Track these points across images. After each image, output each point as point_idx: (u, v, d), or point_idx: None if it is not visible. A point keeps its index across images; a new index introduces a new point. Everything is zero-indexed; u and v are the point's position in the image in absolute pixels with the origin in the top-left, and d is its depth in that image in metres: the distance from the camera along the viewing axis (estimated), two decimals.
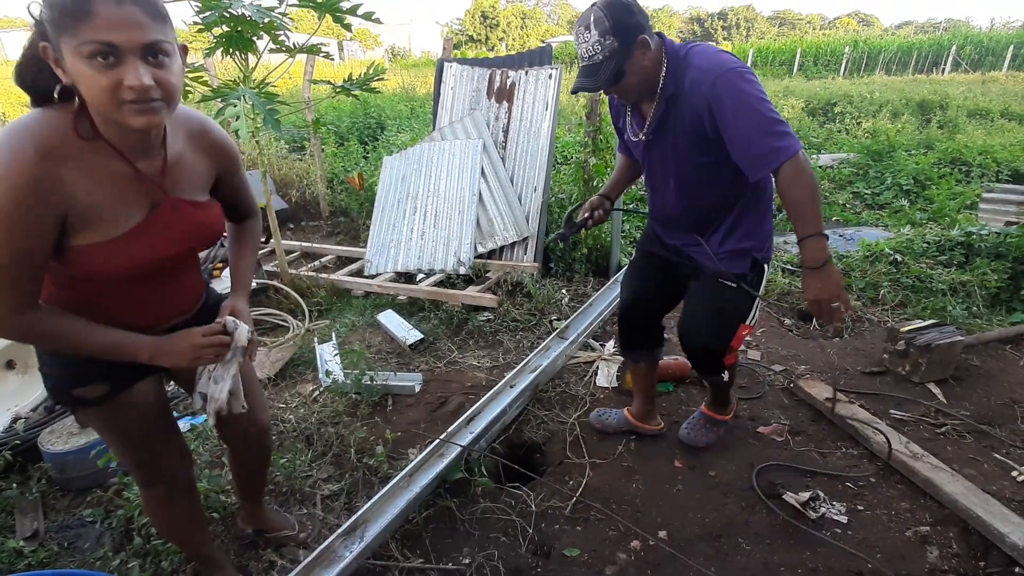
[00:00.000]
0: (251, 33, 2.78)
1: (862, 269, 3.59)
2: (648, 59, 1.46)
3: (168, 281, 1.17)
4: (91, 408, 1.18)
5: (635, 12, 1.42)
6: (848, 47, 20.53)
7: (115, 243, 0.99)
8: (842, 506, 1.85)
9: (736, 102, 1.39)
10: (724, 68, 1.40)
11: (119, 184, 0.98)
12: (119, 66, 0.84)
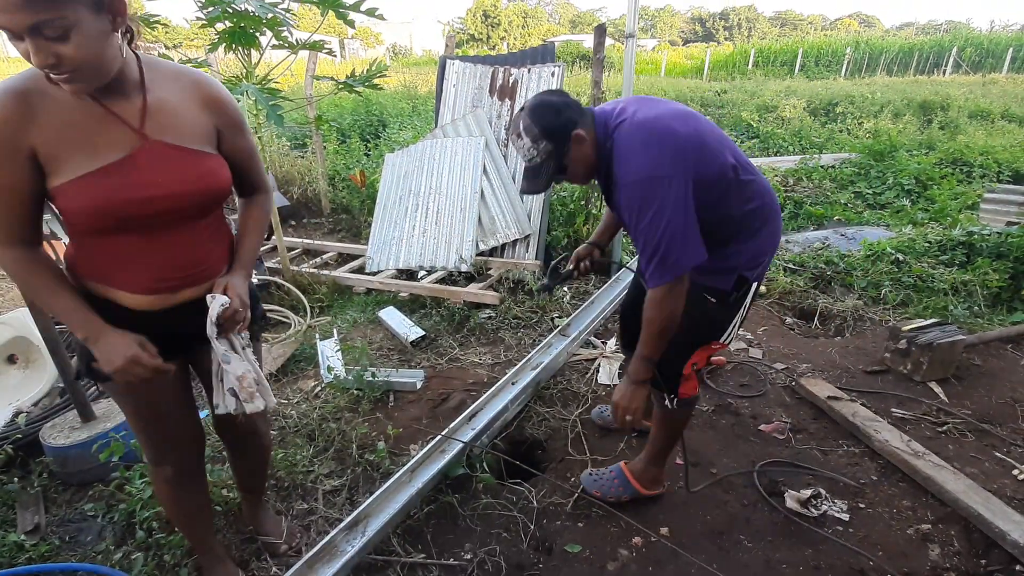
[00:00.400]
0: (254, 29, 2.78)
1: (864, 268, 3.59)
2: (586, 148, 1.45)
3: (165, 238, 1.12)
4: (108, 382, 1.19)
5: (562, 110, 1.41)
6: (850, 48, 20.52)
7: (87, 179, 0.99)
8: (844, 504, 1.85)
9: (634, 217, 1.38)
10: (629, 178, 1.38)
11: (91, 123, 1.00)
12: (23, 43, 0.87)
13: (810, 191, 5.62)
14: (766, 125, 9.09)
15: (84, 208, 1.01)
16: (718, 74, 21.33)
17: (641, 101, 1.48)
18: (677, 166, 1.34)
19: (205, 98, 1.14)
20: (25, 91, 0.96)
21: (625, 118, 1.42)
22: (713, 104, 11.64)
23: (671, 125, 1.38)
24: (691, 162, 1.35)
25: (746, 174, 1.46)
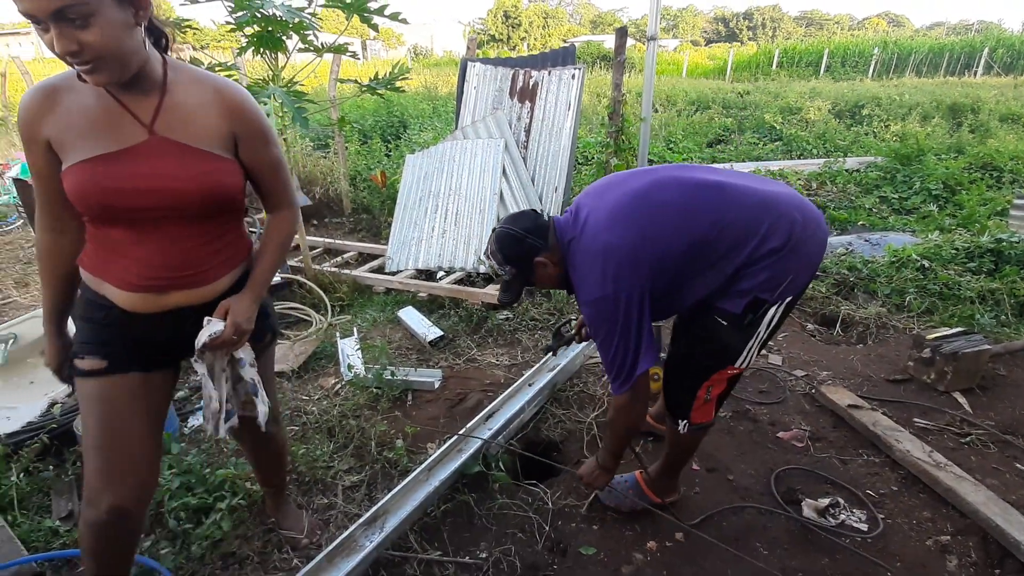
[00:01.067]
0: (281, 33, 2.85)
1: (888, 275, 3.53)
2: (550, 270, 1.57)
3: (158, 234, 1.10)
4: (83, 379, 1.16)
5: (523, 240, 1.53)
6: (877, 48, 20.10)
7: (83, 165, 1.04)
8: (862, 513, 1.83)
9: (592, 332, 1.52)
10: (582, 299, 1.49)
11: (102, 114, 1.05)
12: (47, 32, 0.90)
13: (834, 195, 5.53)
14: (789, 127, 8.96)
15: (73, 192, 1.05)
16: (741, 75, 21.08)
17: (597, 196, 1.53)
18: (621, 281, 1.39)
19: (226, 104, 1.12)
20: (54, 87, 1.05)
21: (576, 235, 1.49)
22: (735, 106, 11.51)
23: (612, 240, 1.41)
24: (641, 267, 1.40)
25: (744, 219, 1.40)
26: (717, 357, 1.52)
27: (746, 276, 1.41)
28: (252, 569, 1.65)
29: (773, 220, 1.39)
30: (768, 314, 1.45)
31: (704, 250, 1.41)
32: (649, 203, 1.44)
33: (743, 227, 1.40)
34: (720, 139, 9.14)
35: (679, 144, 8.00)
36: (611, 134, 3.76)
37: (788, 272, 1.41)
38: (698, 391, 1.57)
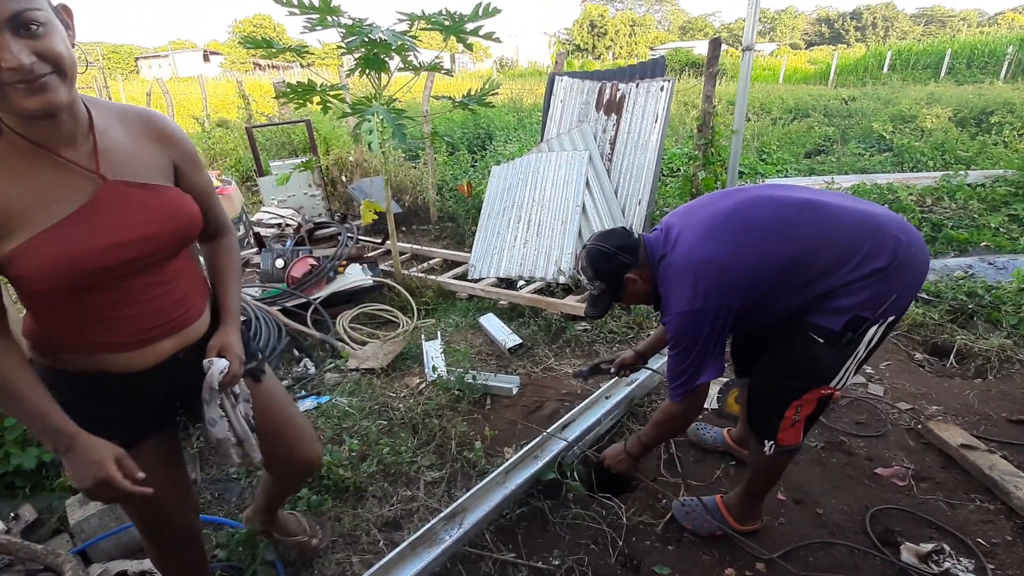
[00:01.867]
0: (385, 54, 3.08)
1: (1015, 303, 3.16)
2: (639, 286, 1.61)
3: (142, 285, 1.02)
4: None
5: (614, 257, 1.59)
6: (1012, 47, 17.87)
7: (49, 233, 0.88)
8: (970, 563, 1.67)
9: (671, 342, 1.55)
10: (670, 312, 1.51)
11: (43, 174, 0.89)
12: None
13: (952, 212, 5.01)
14: (901, 137, 8.23)
15: (52, 266, 0.88)
16: (846, 79, 19.61)
17: (687, 215, 1.56)
18: (711, 296, 1.42)
19: (156, 133, 1.05)
20: None
21: (667, 251, 1.53)
22: (838, 114, 10.74)
23: (706, 255, 1.44)
24: (733, 283, 1.42)
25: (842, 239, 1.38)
26: (811, 376, 1.47)
27: (846, 294, 1.38)
28: (342, 548, 1.80)
29: (876, 240, 1.37)
30: (868, 333, 1.40)
31: (798, 269, 1.40)
32: (742, 221, 1.45)
33: (842, 247, 1.38)
34: (820, 149, 8.57)
35: (773, 155, 7.60)
36: (700, 147, 3.68)
37: (892, 292, 1.37)
38: (786, 411, 1.52)
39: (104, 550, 1.78)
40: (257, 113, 9.79)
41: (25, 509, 1.91)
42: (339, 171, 6.03)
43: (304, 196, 5.16)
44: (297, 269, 3.40)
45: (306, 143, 6.94)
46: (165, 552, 1.34)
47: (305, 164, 3.56)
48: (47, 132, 0.89)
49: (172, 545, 1.32)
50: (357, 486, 2.03)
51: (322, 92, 3.15)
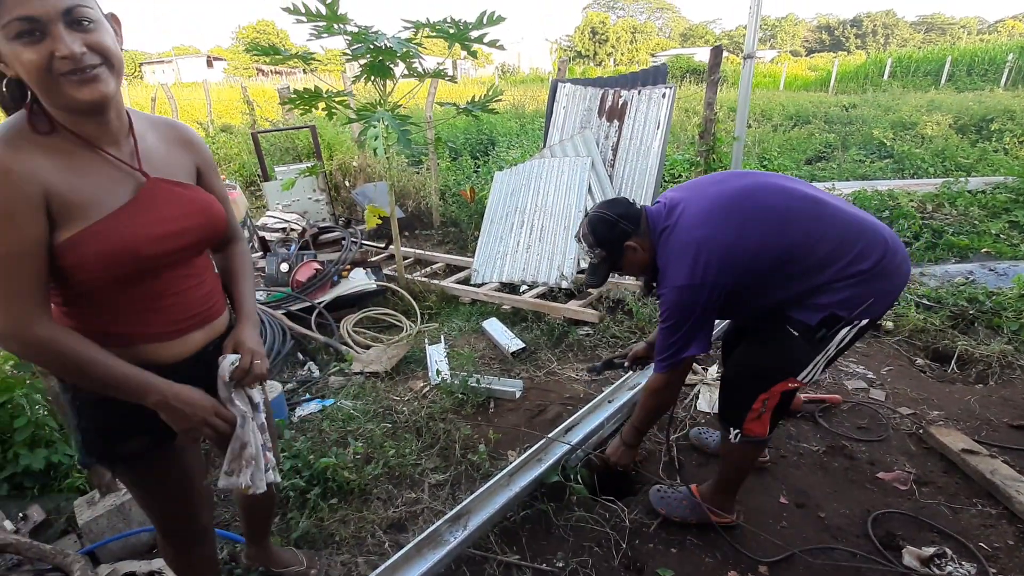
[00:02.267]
0: (390, 61, 3.12)
1: (1016, 309, 3.18)
2: (639, 255, 1.65)
3: (174, 278, 1.08)
4: (130, 465, 1.14)
5: (615, 224, 1.62)
6: (1012, 54, 17.94)
7: (103, 224, 0.94)
8: (972, 567, 1.68)
9: (663, 315, 1.58)
10: (666, 284, 1.55)
11: (94, 169, 0.96)
12: (47, 38, 0.83)
13: (953, 218, 5.03)
14: (902, 144, 8.26)
15: (111, 252, 0.95)
16: (847, 86, 19.68)
17: (693, 189, 1.60)
18: (709, 273, 1.46)
19: (182, 139, 1.15)
20: (19, 143, 0.89)
21: (670, 224, 1.56)
22: (839, 120, 10.79)
23: (710, 233, 1.47)
24: (732, 264, 1.46)
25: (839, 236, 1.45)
26: (780, 367, 1.55)
27: (828, 291, 1.44)
28: (348, 549, 1.81)
29: (867, 242, 1.44)
30: (841, 333, 1.47)
31: (794, 259, 1.46)
32: (750, 205, 1.49)
33: (836, 243, 1.44)
34: (821, 156, 8.61)
35: (774, 161, 7.64)
36: (701, 153, 3.71)
37: (870, 295, 1.43)
38: (754, 402, 1.59)
39: (112, 551, 1.80)
40: (261, 118, 9.85)
41: (33, 510, 1.92)
42: (342, 176, 6.07)
43: (308, 201, 5.20)
44: (302, 273, 3.43)
45: (310, 148, 6.98)
46: (183, 552, 1.34)
47: (310, 169, 3.59)
48: (96, 130, 0.96)
49: (192, 544, 1.33)
50: (362, 488, 2.05)
51: (328, 98, 3.19)
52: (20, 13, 0.81)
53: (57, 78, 0.85)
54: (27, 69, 0.84)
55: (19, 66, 0.85)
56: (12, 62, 0.85)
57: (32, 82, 0.86)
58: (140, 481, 1.18)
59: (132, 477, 1.18)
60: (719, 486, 1.83)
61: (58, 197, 0.90)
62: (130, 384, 0.99)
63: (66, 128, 0.93)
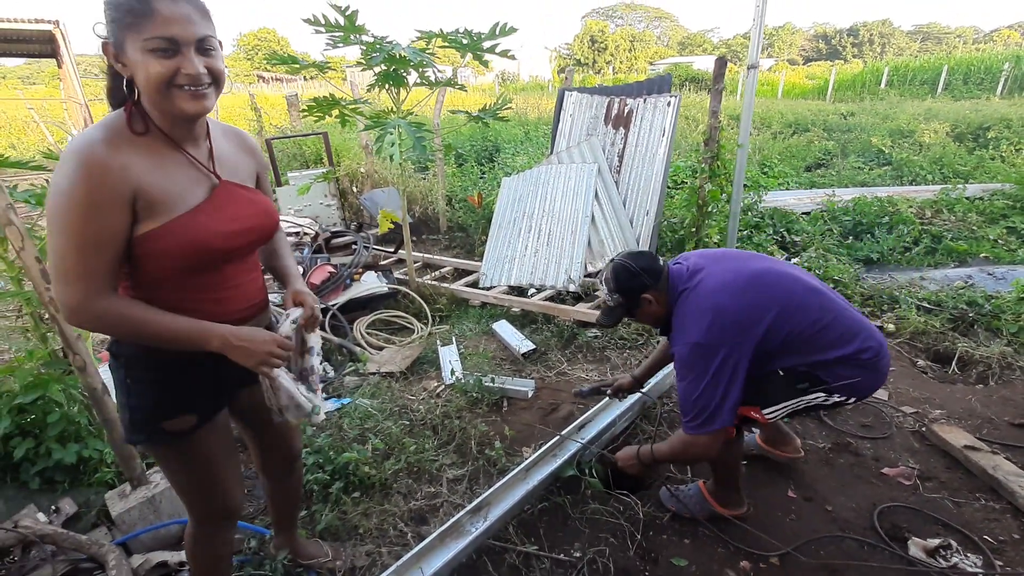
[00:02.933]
0: (404, 70, 3.20)
1: (1015, 312, 3.25)
2: (653, 308, 1.76)
3: (233, 271, 1.19)
4: (176, 442, 1.20)
5: (637, 275, 1.73)
6: (1008, 63, 18.15)
7: (182, 220, 1.05)
8: (977, 559, 1.74)
9: (680, 374, 1.66)
10: (681, 341, 1.64)
11: (178, 169, 1.06)
12: (177, 56, 0.97)
13: (952, 224, 5.13)
14: (900, 151, 8.38)
15: (191, 244, 1.05)
16: (844, 95, 19.87)
17: (716, 262, 1.72)
18: (725, 338, 1.57)
19: (245, 146, 1.27)
20: (117, 139, 1.00)
21: (690, 286, 1.68)
22: (838, 128, 10.92)
23: (727, 302, 1.60)
24: (744, 332, 1.58)
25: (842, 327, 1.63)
26: (755, 395, 1.67)
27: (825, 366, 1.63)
28: (371, 540, 1.87)
29: (865, 337, 1.63)
30: (818, 394, 1.65)
31: (798, 342, 1.62)
32: (763, 290, 1.63)
33: (840, 333, 1.62)
34: (820, 163, 8.72)
35: (774, 168, 7.74)
36: (706, 160, 3.79)
37: (857, 376, 1.62)
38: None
39: (143, 542, 1.86)
40: (268, 125, 9.96)
41: (65, 502, 1.98)
42: (349, 182, 6.16)
43: (320, 206, 5.28)
44: (316, 276, 3.49)
45: (317, 155, 7.08)
46: (213, 534, 1.38)
47: (325, 175, 3.67)
48: (185, 133, 1.08)
49: (222, 527, 1.38)
50: (383, 483, 2.11)
51: (342, 106, 3.27)
52: (166, 33, 0.95)
53: (173, 90, 0.98)
54: (151, 78, 0.96)
55: (143, 73, 0.96)
56: (137, 68, 0.97)
57: (151, 88, 0.98)
58: (184, 458, 1.24)
59: (175, 455, 1.23)
60: (718, 480, 1.92)
61: (146, 195, 1.00)
62: (192, 333, 1.07)
63: (159, 129, 1.05)
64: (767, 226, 4.88)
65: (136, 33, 0.94)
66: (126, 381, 1.15)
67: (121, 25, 0.95)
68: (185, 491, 1.31)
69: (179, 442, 1.20)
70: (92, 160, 0.95)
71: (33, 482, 2.01)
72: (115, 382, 1.18)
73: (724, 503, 1.91)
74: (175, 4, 0.96)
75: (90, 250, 0.97)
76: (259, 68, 47.36)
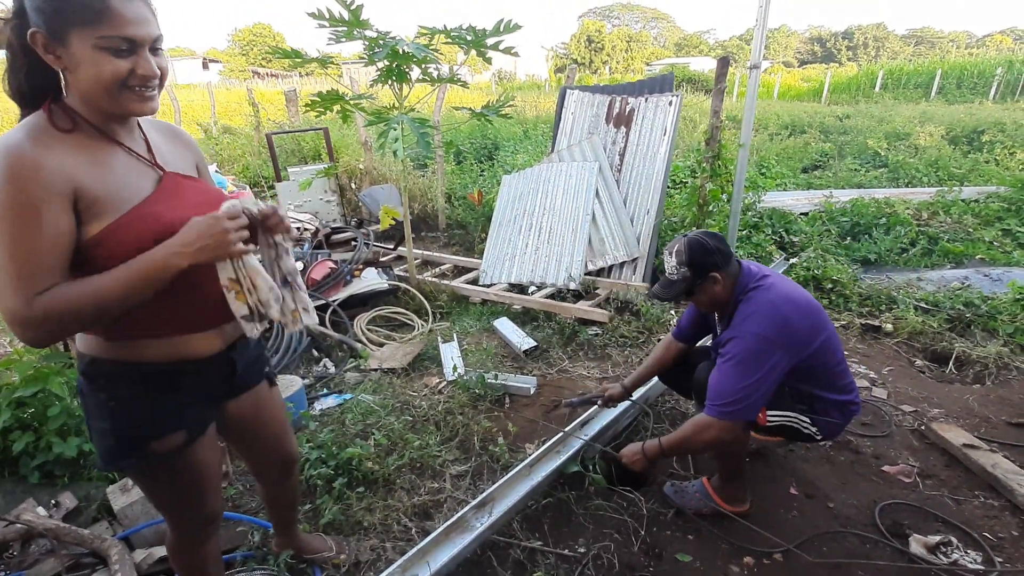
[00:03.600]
0: (407, 66, 3.19)
1: (1012, 312, 3.29)
2: (718, 288, 1.76)
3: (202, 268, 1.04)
4: (165, 461, 1.12)
5: (712, 252, 1.74)
6: (1001, 68, 18.33)
7: (137, 211, 0.98)
8: (977, 555, 1.76)
9: (733, 360, 1.67)
10: (749, 330, 1.66)
11: (117, 163, 1.00)
12: (131, 56, 0.93)
13: (948, 226, 5.17)
14: (896, 153, 8.44)
15: (142, 241, 0.96)
16: (839, 97, 20.01)
17: (784, 281, 1.81)
18: (786, 343, 1.65)
19: (180, 140, 1.21)
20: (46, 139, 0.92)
21: (763, 285, 1.73)
22: (834, 130, 10.98)
23: (794, 312, 1.68)
24: (798, 346, 1.67)
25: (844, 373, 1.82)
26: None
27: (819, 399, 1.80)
28: (375, 535, 1.87)
29: (857, 394, 1.85)
30: (805, 419, 1.79)
31: (820, 373, 1.77)
32: (818, 313, 1.76)
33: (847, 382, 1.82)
34: (817, 165, 8.77)
35: (772, 169, 7.78)
36: (707, 159, 3.81)
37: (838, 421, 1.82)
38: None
39: (145, 537, 1.84)
40: (266, 120, 9.90)
41: (65, 497, 1.96)
42: (349, 179, 6.14)
43: (320, 202, 5.25)
44: (317, 272, 3.48)
45: (316, 150, 7.05)
46: (200, 544, 1.34)
47: (326, 170, 3.66)
48: (117, 126, 1.03)
49: (210, 535, 1.34)
50: (386, 478, 2.10)
51: (345, 101, 3.26)
52: (125, 33, 0.91)
53: (122, 91, 0.94)
54: (103, 77, 0.92)
55: (91, 71, 0.91)
56: (81, 65, 0.91)
57: (99, 87, 0.93)
58: (169, 478, 1.17)
59: (162, 475, 1.16)
60: (723, 476, 1.93)
61: (87, 193, 0.93)
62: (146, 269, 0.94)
63: (90, 124, 0.98)
64: (766, 226, 4.90)
65: (89, 29, 0.89)
66: (108, 404, 1.07)
67: (65, 17, 0.89)
68: (169, 507, 1.24)
69: (168, 461, 1.13)
70: (22, 159, 0.87)
71: (32, 476, 1.99)
72: (91, 408, 1.09)
73: (728, 499, 1.92)
74: (131, 2, 0.92)
75: (32, 257, 0.88)
76: (254, 64, 47.11)
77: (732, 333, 1.70)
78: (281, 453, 1.47)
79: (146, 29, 0.94)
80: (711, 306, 1.84)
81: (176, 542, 1.33)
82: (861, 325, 3.40)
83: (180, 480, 1.18)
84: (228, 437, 1.38)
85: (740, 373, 1.64)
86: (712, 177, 3.78)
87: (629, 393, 2.23)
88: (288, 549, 1.72)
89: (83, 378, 1.08)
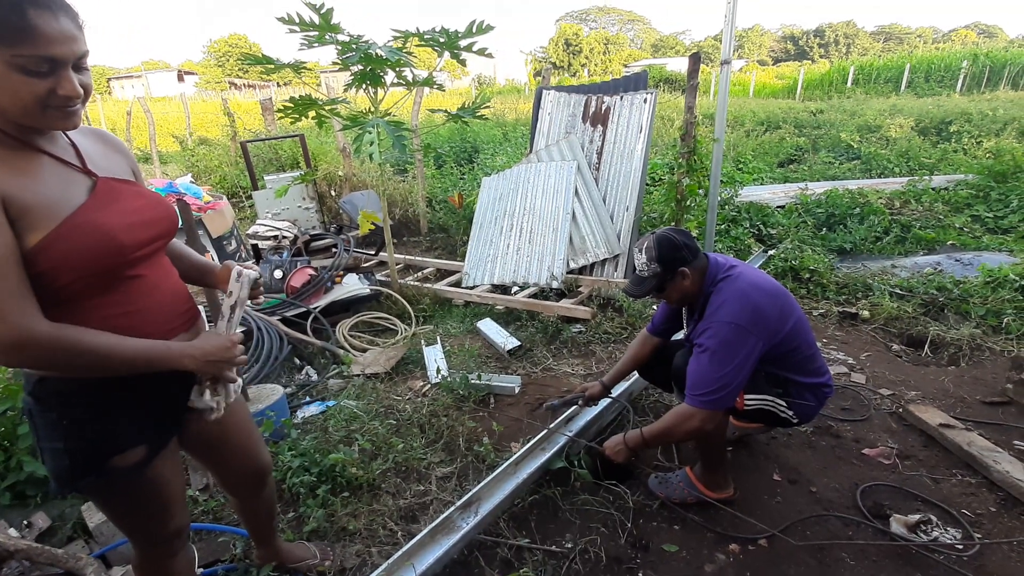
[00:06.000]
0: (381, 70, 3.18)
1: (982, 295, 3.37)
2: (687, 283, 1.80)
3: (151, 272, 1.08)
4: (126, 477, 1.08)
5: (680, 248, 1.77)
6: (966, 61, 18.86)
7: (73, 219, 0.94)
8: (957, 532, 1.79)
9: (708, 350, 1.69)
10: (722, 319, 1.69)
11: (43, 171, 0.96)
12: (52, 75, 0.88)
13: (920, 214, 5.29)
14: (868, 146, 8.61)
15: (84, 248, 0.94)
16: (812, 93, 20.38)
17: (750, 269, 1.83)
18: (759, 329, 1.68)
19: (114, 145, 1.16)
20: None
21: (731, 275, 1.76)
22: (808, 125, 11.18)
23: (764, 299, 1.71)
24: (769, 331, 1.70)
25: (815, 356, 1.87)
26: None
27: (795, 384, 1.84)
28: (361, 540, 1.85)
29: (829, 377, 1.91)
30: (782, 402, 1.83)
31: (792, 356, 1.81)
32: (786, 298, 1.80)
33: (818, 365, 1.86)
34: (792, 159, 8.92)
35: (748, 164, 7.89)
36: (683, 155, 3.85)
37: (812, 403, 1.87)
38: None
39: (122, 554, 1.80)
40: (242, 130, 9.79)
41: (38, 517, 1.91)
42: (328, 185, 6.09)
43: (298, 209, 5.21)
44: (296, 279, 3.44)
45: (293, 158, 6.98)
46: (159, 559, 1.28)
47: (303, 177, 3.63)
48: (36, 134, 0.98)
49: (172, 547, 1.27)
50: (371, 483, 2.08)
51: (319, 106, 3.23)
52: (46, 53, 0.85)
53: (44, 108, 0.90)
54: (21, 98, 0.87)
55: (9, 90, 0.86)
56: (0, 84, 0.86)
57: (18, 107, 0.88)
58: (131, 495, 1.13)
59: (123, 492, 1.12)
60: (705, 464, 1.94)
61: (17, 201, 0.89)
62: (157, 354, 1.01)
63: (8, 135, 0.93)
64: (744, 220, 4.97)
65: (4, 47, 0.83)
66: (61, 423, 1.02)
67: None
68: (132, 525, 1.20)
69: (129, 477, 1.08)
70: None
71: (3, 497, 1.93)
72: (42, 428, 1.04)
73: (712, 486, 1.93)
74: (55, 19, 0.86)
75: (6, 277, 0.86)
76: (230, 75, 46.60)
77: (706, 324, 1.72)
78: (251, 464, 1.43)
79: (70, 47, 0.88)
80: (681, 300, 1.87)
81: (143, 561, 1.28)
82: (839, 313, 3.45)
83: (143, 496, 1.14)
84: (193, 451, 1.34)
85: (718, 362, 1.66)
86: (689, 172, 3.82)
87: (608, 390, 2.25)
88: (271, 560, 1.68)
89: (31, 398, 1.03)
